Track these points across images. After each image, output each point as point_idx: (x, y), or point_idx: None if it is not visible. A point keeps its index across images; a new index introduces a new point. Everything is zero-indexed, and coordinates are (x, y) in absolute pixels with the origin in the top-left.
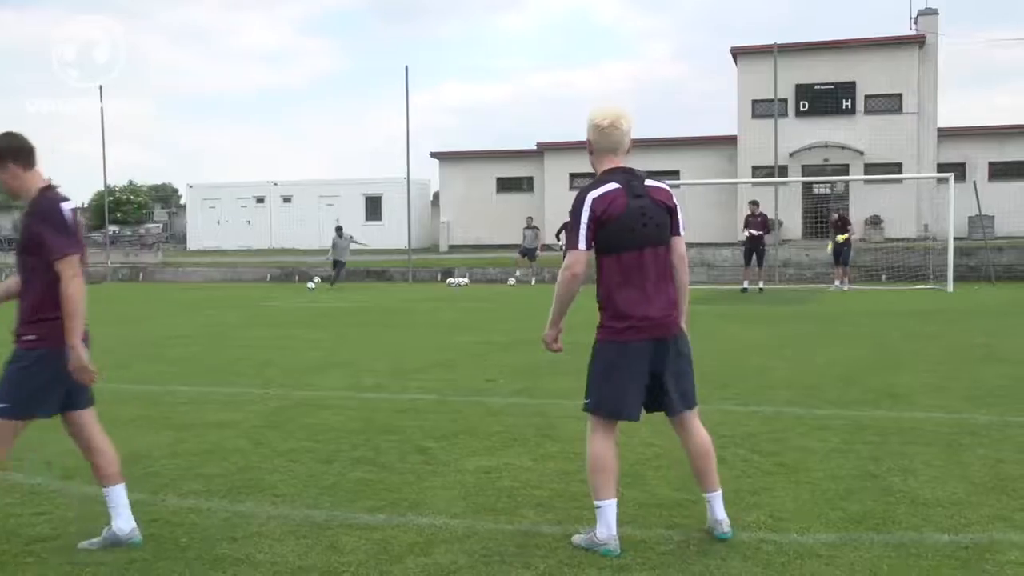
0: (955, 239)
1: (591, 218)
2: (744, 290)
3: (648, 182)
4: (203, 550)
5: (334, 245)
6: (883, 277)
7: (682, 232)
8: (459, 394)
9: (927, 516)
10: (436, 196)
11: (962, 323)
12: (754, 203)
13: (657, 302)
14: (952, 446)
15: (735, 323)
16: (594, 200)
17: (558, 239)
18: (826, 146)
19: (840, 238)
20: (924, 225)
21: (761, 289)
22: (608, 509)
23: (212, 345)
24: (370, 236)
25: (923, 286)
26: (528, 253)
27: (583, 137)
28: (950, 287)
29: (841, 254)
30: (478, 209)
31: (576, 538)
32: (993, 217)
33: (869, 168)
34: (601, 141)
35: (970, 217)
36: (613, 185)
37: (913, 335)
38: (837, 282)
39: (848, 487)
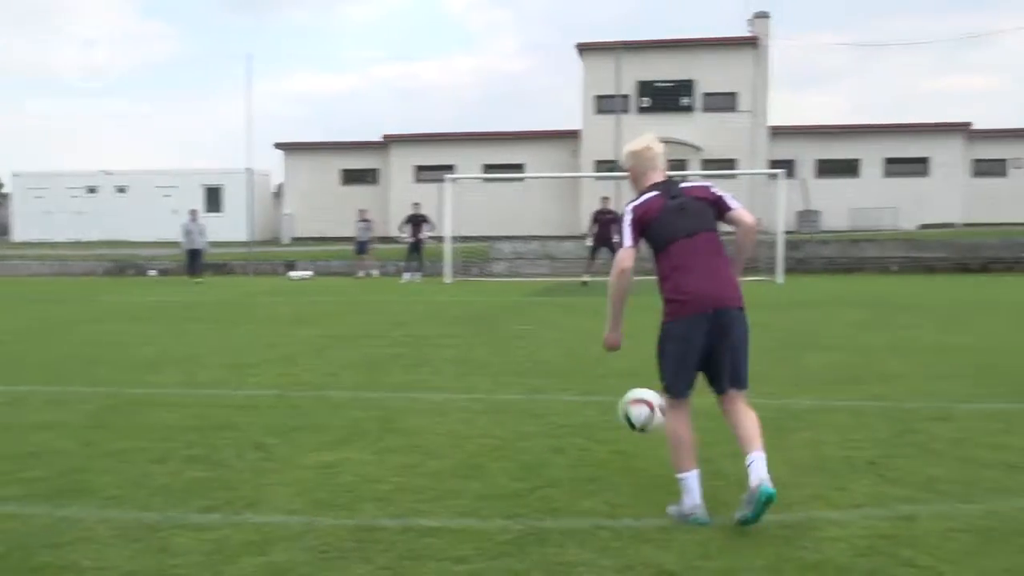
0: (785, 232)
1: (633, 220)
2: (584, 283)
3: (683, 185)
4: (22, 559)
5: (187, 232)
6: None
7: (735, 206)
8: (300, 389)
9: None
10: (280, 188)
11: (788, 312)
12: (605, 199)
13: (711, 278)
14: (777, 430)
15: (577, 315)
16: (635, 207)
17: (401, 231)
18: (665, 141)
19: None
20: (756, 219)
21: (585, 283)
22: (691, 480)
23: (37, 343)
24: (210, 228)
25: (754, 278)
26: (360, 247)
27: (431, 129)
28: (780, 278)
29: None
30: (322, 201)
31: (670, 509)
32: (819, 212)
33: (706, 164)
34: (638, 165)
35: (798, 212)
36: (652, 193)
37: (752, 325)
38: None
39: None
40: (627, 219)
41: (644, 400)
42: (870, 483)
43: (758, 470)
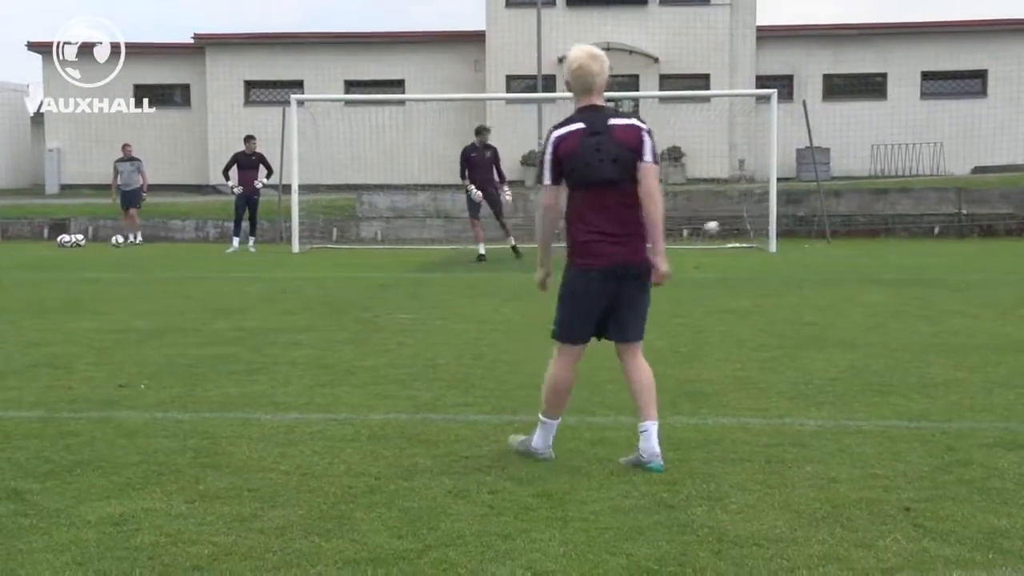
0: (780, 180)
1: (553, 154)
2: (480, 257)
3: (612, 120)
4: None
5: None
6: (684, 232)
7: (648, 159)
8: (76, 408)
9: (739, 560)
10: (40, 111)
11: (787, 295)
12: (482, 131)
13: (617, 234)
14: (772, 462)
15: (485, 299)
16: (556, 138)
17: (227, 178)
18: (608, 48)
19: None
20: (739, 161)
21: (515, 248)
22: (551, 427)
23: None
24: None
25: (738, 244)
26: (126, 199)
27: (267, 28)
28: (772, 246)
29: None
30: (106, 132)
31: (513, 439)
32: (828, 150)
33: (666, 81)
34: (574, 82)
35: (799, 150)
36: (577, 124)
37: (723, 312)
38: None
39: (635, 524)
40: (548, 152)
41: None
42: (905, 538)
43: (650, 442)
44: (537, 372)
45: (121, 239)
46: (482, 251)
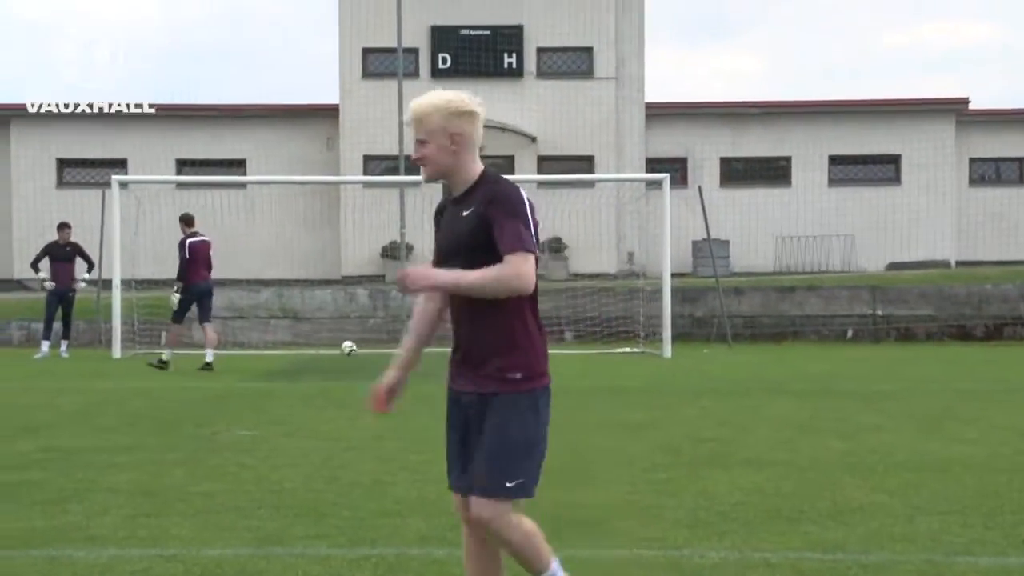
0: (674, 276)
1: (532, 217)
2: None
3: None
4: None
5: None
6: (568, 335)
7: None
8: None
9: None
10: None
11: (683, 406)
12: (186, 219)
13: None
14: None
15: (339, 411)
16: (529, 200)
17: (36, 270)
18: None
19: None
20: (628, 254)
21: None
22: (559, 571)
23: None
24: None
25: (628, 349)
26: None
27: (85, 97)
28: (667, 351)
29: None
30: None
31: None
32: (728, 243)
33: (545, 163)
34: (475, 132)
35: (695, 242)
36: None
37: (611, 426)
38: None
39: None
40: (529, 211)
41: None
42: None
43: None
44: (400, 497)
45: None
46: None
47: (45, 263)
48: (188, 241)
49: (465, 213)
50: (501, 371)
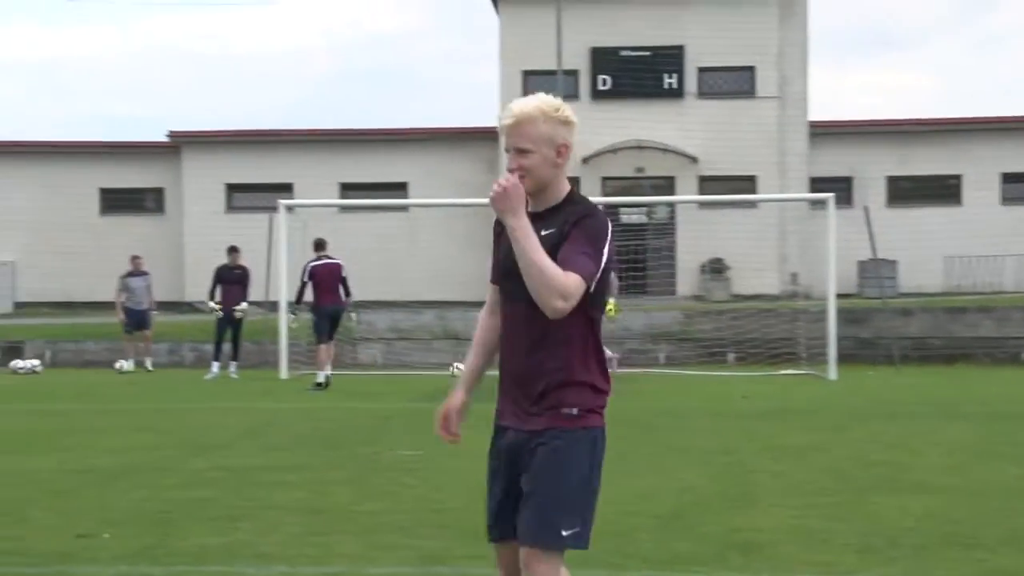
0: (839, 297)
1: (607, 259)
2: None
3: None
4: None
5: None
6: (730, 357)
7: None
8: (28, 562)
9: None
10: None
11: (850, 429)
12: (315, 244)
13: None
14: None
15: (489, 432)
16: (612, 236)
17: (212, 297)
18: (640, 147)
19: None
20: (792, 275)
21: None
22: None
23: None
24: None
25: (791, 371)
26: (135, 320)
27: (252, 124)
28: (832, 373)
29: None
30: (68, 241)
31: None
32: (895, 263)
33: (707, 183)
34: (571, 146)
35: (861, 262)
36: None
37: (776, 449)
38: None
39: None
40: (608, 239)
41: None
42: None
43: None
44: None
45: (127, 365)
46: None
47: (219, 289)
48: (309, 265)
49: (544, 232)
50: (556, 406)
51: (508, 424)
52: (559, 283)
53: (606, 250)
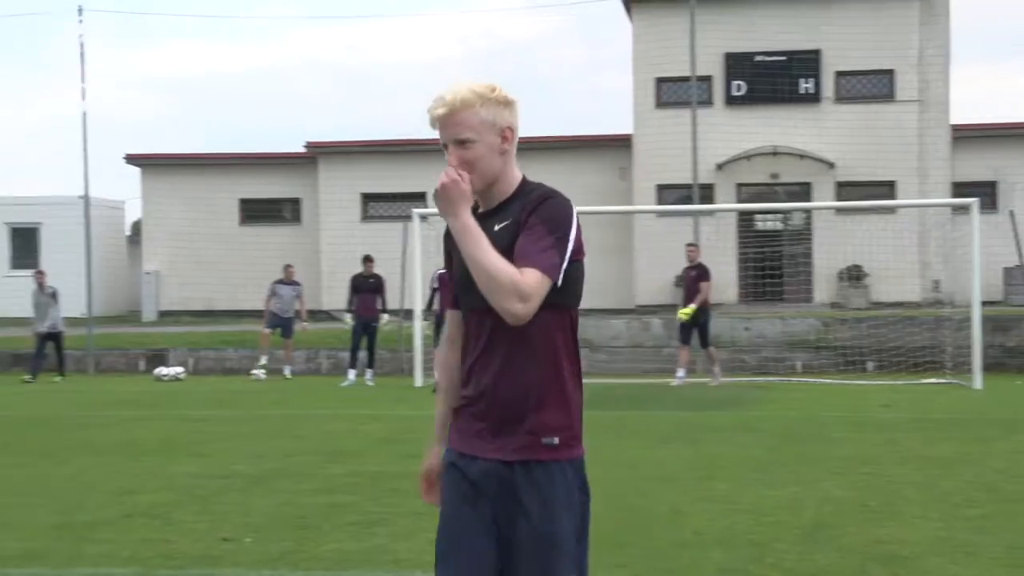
0: (985, 304)
1: (575, 248)
2: (679, 379)
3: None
4: None
5: (37, 304)
6: (869, 365)
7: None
8: (175, 565)
9: None
10: (137, 228)
11: (998, 440)
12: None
13: None
14: None
15: (635, 440)
16: (578, 222)
17: (351, 306)
18: (775, 153)
19: (686, 311)
20: (934, 282)
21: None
22: None
23: None
24: (20, 294)
25: (934, 380)
26: (281, 326)
27: (386, 134)
28: (977, 382)
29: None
30: (209, 251)
31: None
32: None
33: (844, 189)
34: (516, 131)
35: (1007, 269)
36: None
37: (919, 460)
38: (681, 372)
39: None
40: (573, 237)
41: None
42: None
43: None
44: (699, 528)
45: (262, 374)
46: (680, 375)
47: (356, 298)
48: (438, 272)
49: (499, 227)
50: (534, 433)
51: (476, 453)
52: (514, 283)
53: (572, 236)
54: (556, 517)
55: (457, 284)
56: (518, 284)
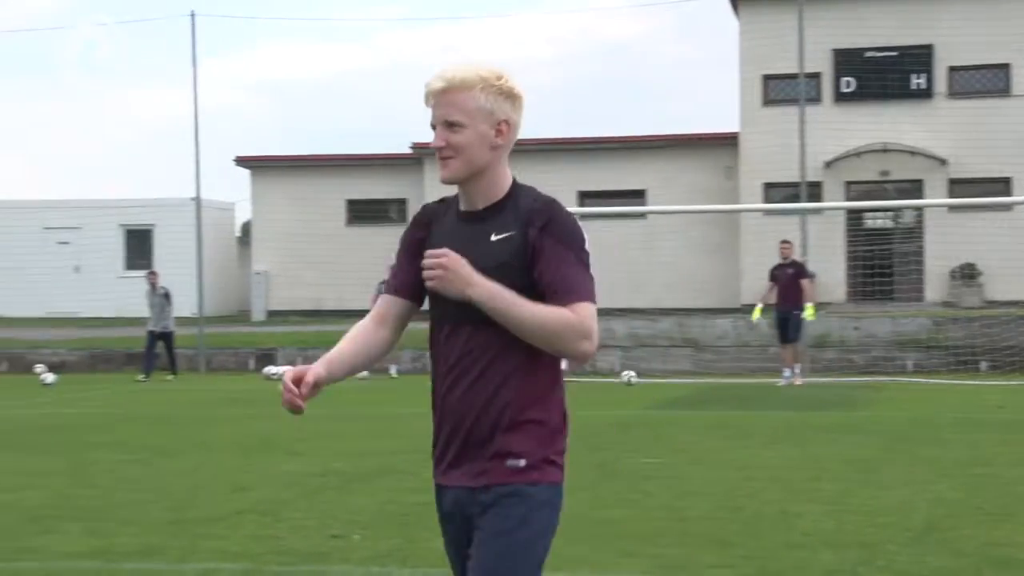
0: None
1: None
2: (786, 379)
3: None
4: None
5: (151, 305)
6: (982, 365)
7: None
8: (286, 561)
9: None
10: (246, 229)
11: None
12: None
13: None
14: None
15: (742, 441)
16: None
17: None
18: (885, 150)
19: (810, 312)
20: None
21: (788, 379)
22: None
23: None
24: (132, 294)
25: None
26: None
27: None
28: None
29: (790, 326)
30: (317, 251)
31: None
32: None
33: (957, 186)
34: (520, 125)
35: None
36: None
37: None
38: (787, 372)
39: None
40: (580, 226)
41: None
42: None
43: None
44: (808, 529)
45: (367, 372)
46: (788, 376)
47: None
48: None
49: (496, 237)
50: (502, 455)
51: (447, 483)
52: (571, 326)
53: (587, 248)
54: (512, 541)
55: (429, 293)
56: (576, 326)
